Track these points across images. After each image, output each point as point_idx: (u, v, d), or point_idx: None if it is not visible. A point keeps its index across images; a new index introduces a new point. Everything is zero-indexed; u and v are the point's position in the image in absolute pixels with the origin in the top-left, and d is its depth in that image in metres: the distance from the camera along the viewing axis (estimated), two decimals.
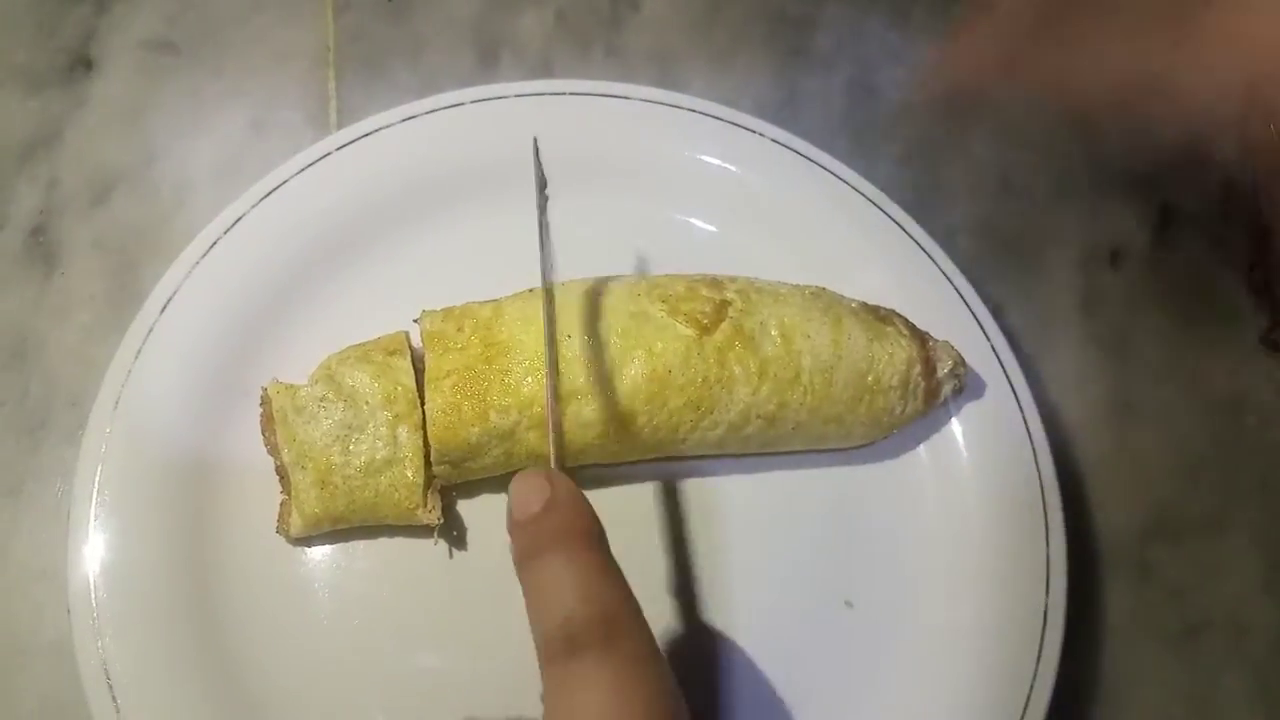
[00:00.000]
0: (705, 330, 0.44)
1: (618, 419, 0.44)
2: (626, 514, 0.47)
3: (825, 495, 0.48)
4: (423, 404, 0.44)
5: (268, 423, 0.44)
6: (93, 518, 0.44)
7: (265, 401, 0.44)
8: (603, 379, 0.43)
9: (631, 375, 0.43)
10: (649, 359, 0.43)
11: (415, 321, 0.46)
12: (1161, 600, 0.50)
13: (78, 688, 0.42)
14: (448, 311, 0.45)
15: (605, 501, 0.46)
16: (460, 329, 0.44)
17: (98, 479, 0.44)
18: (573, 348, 0.43)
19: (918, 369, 0.46)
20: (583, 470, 0.46)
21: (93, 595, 0.43)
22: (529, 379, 0.43)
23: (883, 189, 0.53)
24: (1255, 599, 0.51)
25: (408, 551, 0.46)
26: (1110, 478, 0.52)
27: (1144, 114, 0.53)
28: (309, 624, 0.45)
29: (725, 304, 0.45)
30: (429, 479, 0.44)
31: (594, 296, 0.45)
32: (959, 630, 0.46)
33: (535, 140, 0.48)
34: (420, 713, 0.44)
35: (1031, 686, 0.44)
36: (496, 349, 0.43)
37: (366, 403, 0.43)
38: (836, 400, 0.46)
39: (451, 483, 0.45)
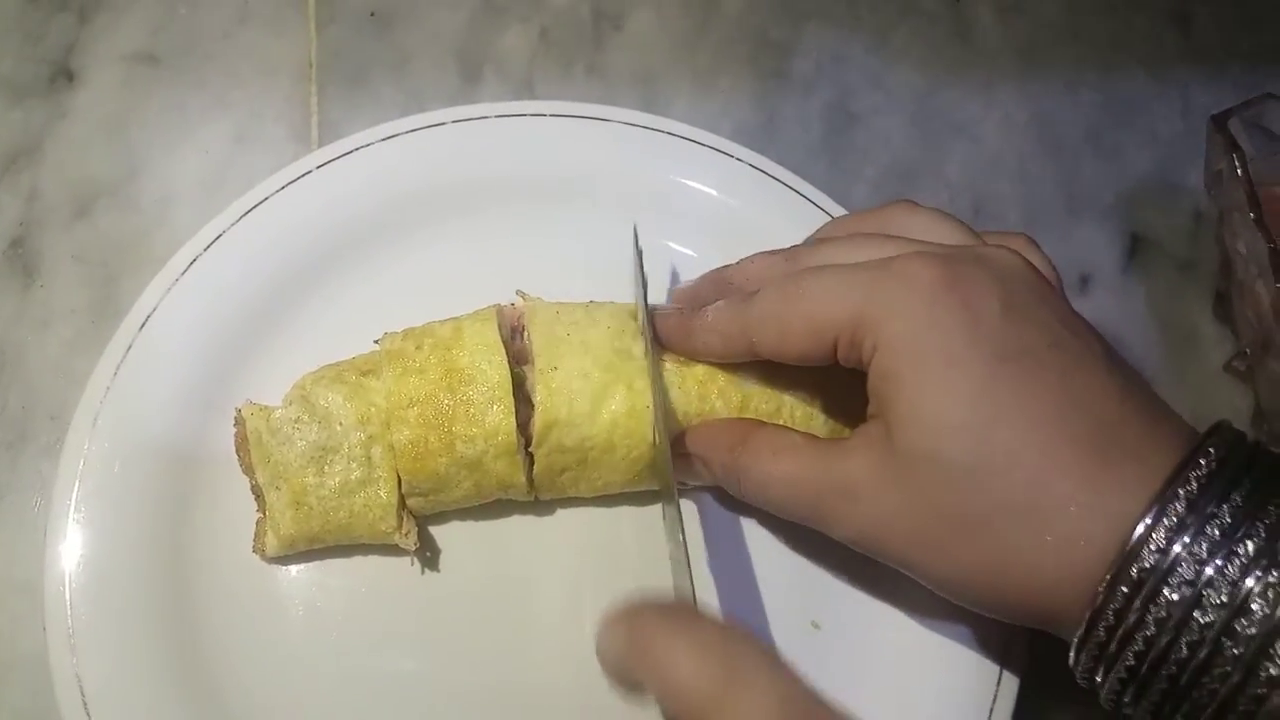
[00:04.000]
0: (685, 364, 0.45)
1: (597, 449, 0.44)
2: (593, 535, 0.48)
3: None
4: None
5: (242, 444, 0.44)
6: (69, 533, 0.44)
7: (239, 423, 0.45)
8: (584, 411, 0.44)
9: (612, 410, 0.44)
10: (629, 395, 0.44)
11: (375, 343, 0.46)
12: None
13: (54, 701, 0.42)
14: (408, 331, 0.46)
15: (574, 523, 0.48)
16: (419, 347, 0.45)
17: (75, 495, 0.45)
18: (557, 378, 0.44)
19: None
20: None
21: (68, 610, 0.43)
22: (493, 408, 0.43)
23: None
24: None
25: (383, 569, 0.47)
26: None
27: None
28: (285, 640, 0.45)
29: None
30: (403, 499, 0.45)
31: (581, 329, 0.45)
32: (925, 650, 0.47)
33: (635, 229, 0.48)
34: None
35: (993, 706, 0.45)
36: (458, 377, 0.44)
37: (340, 423, 0.44)
38: (816, 432, 0.46)
39: (425, 514, 0.46)
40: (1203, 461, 0.34)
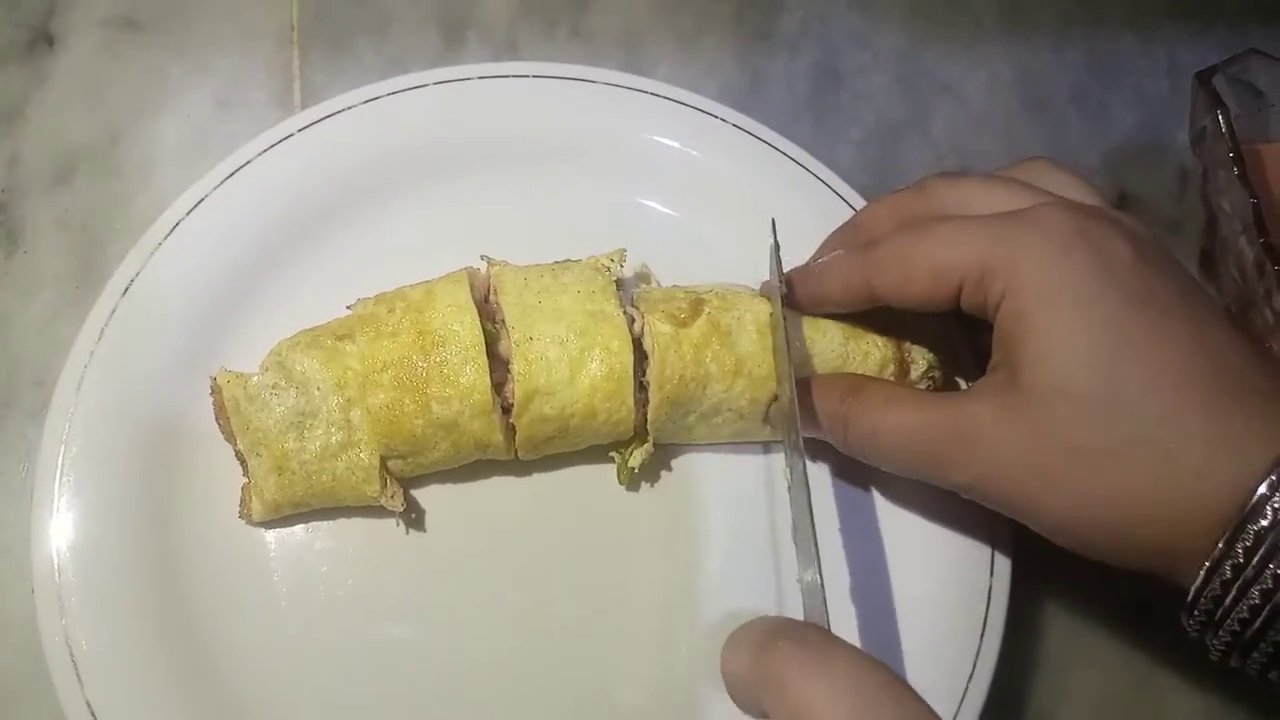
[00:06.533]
0: (682, 325, 0.45)
1: (578, 416, 0.44)
2: (576, 491, 0.48)
3: (779, 475, 0.49)
4: None
5: (220, 411, 0.44)
6: (56, 498, 0.45)
7: (215, 390, 0.45)
8: (563, 378, 0.44)
9: (591, 375, 0.44)
10: (606, 357, 0.44)
11: (348, 308, 0.46)
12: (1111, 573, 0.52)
13: (43, 662, 0.43)
14: (380, 295, 0.46)
15: (556, 480, 0.48)
16: (391, 310, 0.45)
17: (61, 460, 0.45)
18: (533, 348, 0.44)
19: (891, 370, 0.47)
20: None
21: (56, 574, 0.44)
22: (467, 368, 0.43)
23: (844, 171, 0.54)
24: None
25: (370, 533, 0.47)
26: None
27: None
28: (271, 600, 0.46)
29: (701, 301, 0.46)
30: (384, 462, 0.45)
31: (552, 295, 0.45)
32: (908, 606, 0.47)
33: (774, 223, 0.48)
34: (385, 684, 0.45)
35: (975, 662, 0.45)
36: (430, 339, 0.44)
37: (318, 388, 0.44)
38: None
39: (406, 477, 0.46)
40: None
